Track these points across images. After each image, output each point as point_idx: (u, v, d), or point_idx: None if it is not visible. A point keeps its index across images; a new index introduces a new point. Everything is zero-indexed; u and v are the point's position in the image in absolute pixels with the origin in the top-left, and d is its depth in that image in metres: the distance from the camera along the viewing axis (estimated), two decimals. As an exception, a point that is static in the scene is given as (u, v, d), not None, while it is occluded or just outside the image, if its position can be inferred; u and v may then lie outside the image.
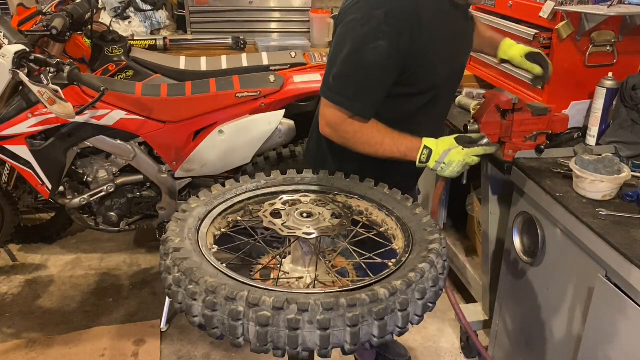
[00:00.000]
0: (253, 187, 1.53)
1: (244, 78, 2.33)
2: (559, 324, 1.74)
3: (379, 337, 1.07)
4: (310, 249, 1.35)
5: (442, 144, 1.51)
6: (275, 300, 1.03)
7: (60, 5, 2.50)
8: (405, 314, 1.10)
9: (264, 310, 1.04)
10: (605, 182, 1.56)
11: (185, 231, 1.30)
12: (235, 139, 2.29)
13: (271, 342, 1.05)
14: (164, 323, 2.50)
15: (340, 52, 1.47)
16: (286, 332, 1.03)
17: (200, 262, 1.18)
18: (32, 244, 3.08)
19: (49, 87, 1.95)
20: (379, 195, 1.50)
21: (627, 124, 1.86)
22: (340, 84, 1.49)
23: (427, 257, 1.20)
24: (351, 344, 1.06)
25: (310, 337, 1.04)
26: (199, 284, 1.10)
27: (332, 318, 1.03)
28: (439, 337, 2.49)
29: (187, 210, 1.38)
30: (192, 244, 1.25)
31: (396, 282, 1.11)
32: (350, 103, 1.49)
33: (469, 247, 2.64)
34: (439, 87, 1.61)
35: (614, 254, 1.40)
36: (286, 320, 1.03)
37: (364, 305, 1.05)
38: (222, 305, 1.06)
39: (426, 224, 1.35)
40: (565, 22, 1.84)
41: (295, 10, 3.42)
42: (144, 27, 3.33)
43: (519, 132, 1.85)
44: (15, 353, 2.34)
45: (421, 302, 1.14)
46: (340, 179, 1.58)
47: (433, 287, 1.18)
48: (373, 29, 1.42)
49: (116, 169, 2.37)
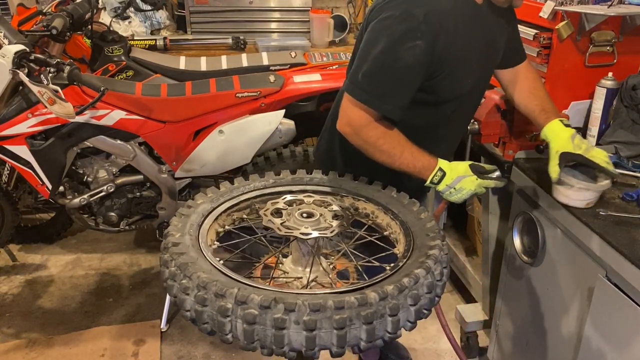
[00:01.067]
0: (261, 186, 1.54)
1: (244, 78, 2.33)
2: (559, 324, 1.74)
3: (366, 341, 1.07)
4: (309, 249, 1.35)
5: (456, 170, 1.47)
6: (262, 298, 1.04)
7: (60, 5, 2.50)
8: (396, 319, 1.09)
9: (251, 308, 1.04)
10: (591, 190, 1.52)
11: (187, 226, 1.31)
12: (235, 139, 2.29)
13: (258, 340, 1.05)
14: (164, 323, 2.50)
15: (372, 49, 1.40)
16: (272, 331, 1.04)
17: (196, 258, 1.19)
18: (32, 244, 3.08)
19: (49, 87, 1.96)
20: (385, 199, 1.49)
21: (627, 124, 1.86)
22: (371, 82, 1.41)
23: (424, 263, 1.19)
24: (338, 347, 1.05)
25: (297, 338, 1.04)
26: (192, 278, 1.12)
27: (319, 319, 1.03)
28: (439, 337, 2.49)
29: (192, 206, 1.40)
30: (192, 240, 1.27)
31: (388, 287, 1.10)
32: (379, 103, 1.42)
33: (469, 247, 2.64)
34: (460, 99, 1.56)
35: (614, 254, 1.40)
36: (272, 319, 1.03)
37: (352, 308, 1.05)
38: (212, 301, 1.08)
39: (429, 229, 1.34)
40: (565, 22, 1.84)
41: (295, 10, 3.43)
42: (144, 27, 3.33)
43: (519, 132, 1.86)
44: (15, 353, 2.34)
45: (414, 308, 1.12)
46: (349, 181, 1.57)
47: (428, 293, 1.16)
48: (412, 27, 1.36)
49: (116, 169, 2.37)
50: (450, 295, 2.73)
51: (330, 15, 3.39)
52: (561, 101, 1.97)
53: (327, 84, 2.34)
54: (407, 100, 1.45)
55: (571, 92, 1.98)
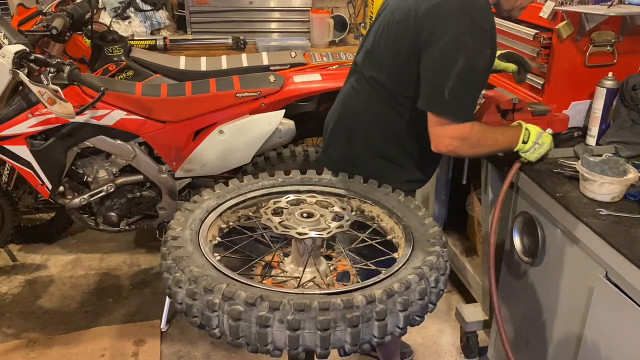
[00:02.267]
0: (269, 184, 1.55)
1: (244, 78, 2.33)
2: (559, 324, 1.74)
3: (351, 344, 1.06)
4: (305, 249, 1.35)
5: (535, 127, 1.68)
6: (249, 295, 1.04)
7: (60, 5, 2.50)
8: (383, 324, 1.07)
9: (237, 304, 1.05)
10: (615, 184, 1.55)
11: (189, 221, 1.32)
12: (235, 139, 2.29)
13: (243, 337, 1.06)
14: (164, 323, 2.49)
15: (452, 66, 1.47)
16: (256, 329, 1.04)
17: (192, 252, 1.20)
18: (32, 244, 3.08)
19: (49, 87, 1.96)
20: (392, 202, 1.49)
21: (627, 124, 1.86)
22: (459, 97, 1.51)
23: (419, 269, 1.17)
24: (322, 348, 1.05)
25: (280, 337, 1.04)
26: (184, 272, 1.13)
27: (303, 320, 1.03)
28: (439, 337, 2.49)
29: (198, 202, 1.41)
30: (192, 234, 1.28)
31: (377, 291, 1.09)
32: (469, 114, 1.55)
33: (469, 247, 2.64)
34: None
35: (614, 254, 1.40)
36: (257, 316, 1.04)
37: (337, 310, 1.04)
38: (201, 295, 1.09)
39: (431, 235, 1.34)
40: (565, 22, 1.84)
41: (295, 10, 3.43)
42: (144, 27, 3.33)
43: (519, 132, 1.86)
44: (15, 353, 2.34)
45: (403, 314, 1.11)
46: (358, 183, 1.57)
47: (420, 299, 1.14)
48: (484, 40, 1.50)
49: (116, 169, 2.37)
50: (450, 295, 2.73)
51: (330, 15, 3.39)
52: (561, 101, 1.97)
53: (327, 84, 2.34)
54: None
55: (571, 92, 1.98)
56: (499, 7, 1.67)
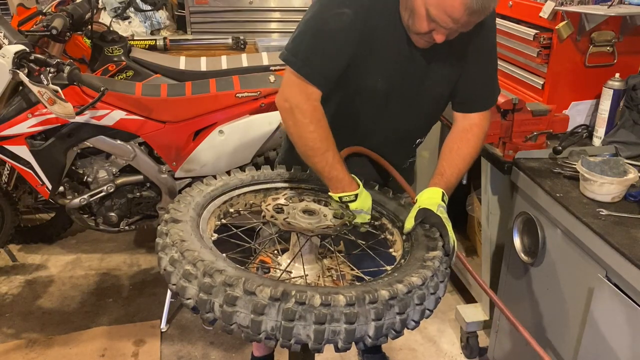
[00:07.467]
0: (288, 177, 1.56)
1: (244, 78, 2.33)
2: (559, 324, 1.74)
3: (314, 341, 1.03)
4: (313, 246, 1.35)
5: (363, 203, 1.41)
6: (227, 276, 1.06)
7: (60, 5, 2.51)
8: (351, 328, 1.04)
9: (211, 280, 1.07)
10: (615, 184, 1.55)
11: (192, 204, 1.34)
12: (235, 139, 2.29)
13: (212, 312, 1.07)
14: (164, 323, 2.49)
15: (304, 17, 1.43)
16: (224, 307, 1.05)
17: (190, 233, 1.21)
18: (32, 244, 3.07)
19: (49, 87, 1.96)
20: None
21: (627, 124, 1.86)
22: (298, 44, 1.41)
23: (392, 285, 1.11)
24: (284, 339, 1.04)
25: (243, 321, 1.04)
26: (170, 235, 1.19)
27: (267, 305, 1.02)
28: (439, 337, 2.49)
29: (210, 184, 1.46)
30: (193, 214, 1.30)
31: (346, 293, 1.05)
32: (302, 64, 1.39)
33: (469, 247, 2.64)
34: (373, 95, 1.52)
35: (614, 254, 1.40)
36: (224, 294, 1.05)
37: (301, 304, 1.02)
38: (181, 265, 1.12)
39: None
40: (565, 22, 1.84)
41: (295, 10, 3.43)
42: (144, 27, 3.34)
43: (519, 132, 1.86)
44: (15, 353, 2.34)
45: (375, 324, 1.05)
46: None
47: (400, 314, 1.09)
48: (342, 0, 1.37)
49: (116, 169, 2.37)
50: (450, 295, 2.73)
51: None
52: (561, 101, 1.97)
53: (327, 84, 2.33)
54: (331, 71, 1.42)
55: (571, 92, 1.98)
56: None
